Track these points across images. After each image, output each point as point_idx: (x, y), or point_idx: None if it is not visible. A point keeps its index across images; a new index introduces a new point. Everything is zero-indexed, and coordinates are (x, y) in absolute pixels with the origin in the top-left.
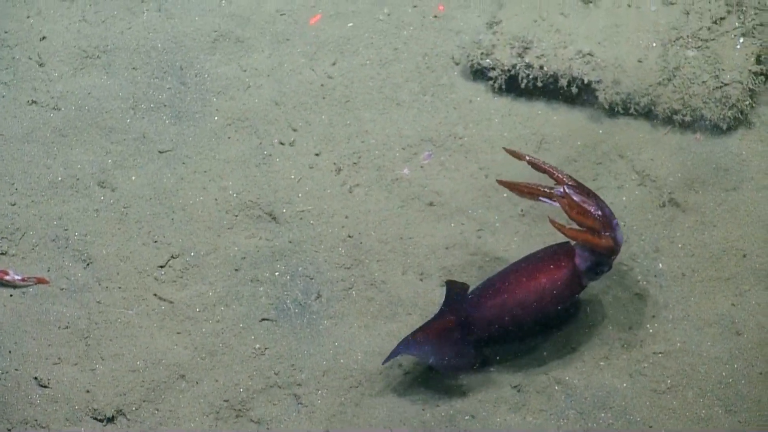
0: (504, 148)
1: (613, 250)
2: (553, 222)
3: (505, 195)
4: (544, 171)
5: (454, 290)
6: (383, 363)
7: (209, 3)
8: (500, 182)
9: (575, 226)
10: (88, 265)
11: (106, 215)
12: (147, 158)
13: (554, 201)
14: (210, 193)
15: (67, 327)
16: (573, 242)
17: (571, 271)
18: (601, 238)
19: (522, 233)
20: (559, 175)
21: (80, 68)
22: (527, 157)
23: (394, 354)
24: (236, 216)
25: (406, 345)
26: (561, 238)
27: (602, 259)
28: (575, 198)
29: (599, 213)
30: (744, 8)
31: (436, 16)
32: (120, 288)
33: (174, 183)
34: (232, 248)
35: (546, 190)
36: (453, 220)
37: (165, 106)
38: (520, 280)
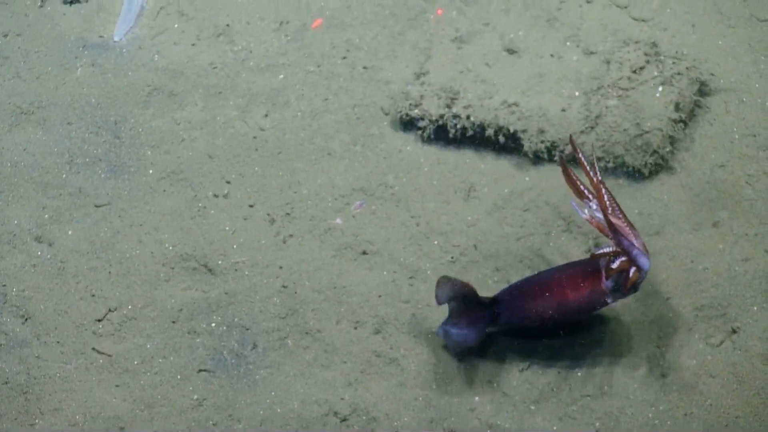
0: (571, 136)
1: (639, 280)
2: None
3: (435, 242)
4: (586, 172)
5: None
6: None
7: (142, 58)
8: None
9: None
10: (26, 320)
11: (44, 270)
12: (83, 212)
13: (584, 211)
14: (146, 246)
15: (6, 383)
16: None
17: (595, 288)
18: (629, 277)
19: None
20: (598, 183)
21: (15, 124)
22: (579, 153)
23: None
24: (172, 268)
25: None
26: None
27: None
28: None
29: (621, 252)
30: (662, 58)
31: (365, 67)
32: (58, 342)
33: (110, 236)
34: (168, 300)
35: (585, 194)
36: (385, 269)
37: (100, 160)
38: (548, 290)
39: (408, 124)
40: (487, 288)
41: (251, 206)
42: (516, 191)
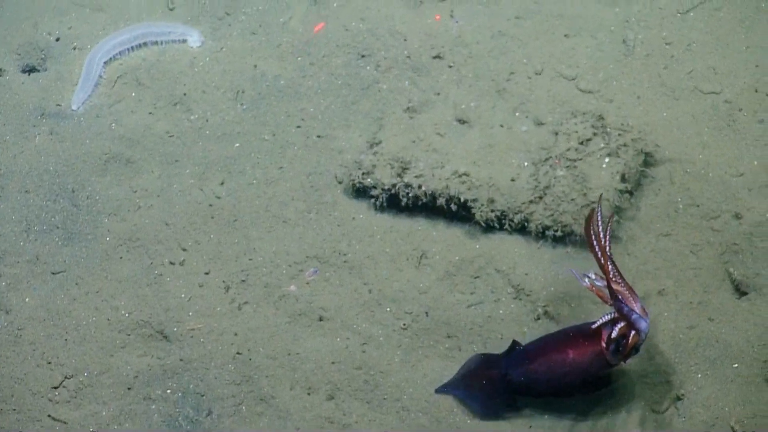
0: (600, 196)
1: (639, 342)
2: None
3: (388, 309)
4: (597, 236)
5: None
6: (435, 391)
7: (100, 126)
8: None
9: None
10: None
11: (1, 338)
12: (40, 280)
13: (584, 280)
14: (102, 313)
15: None
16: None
17: (597, 350)
18: (629, 342)
19: (405, 346)
20: (605, 251)
21: None
22: (599, 213)
23: (443, 389)
24: (128, 335)
25: (455, 386)
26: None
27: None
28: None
29: (620, 318)
30: (608, 130)
31: (319, 136)
32: (15, 410)
33: (67, 304)
34: (124, 367)
35: (597, 252)
36: (338, 335)
37: (58, 228)
38: (552, 350)
39: (361, 192)
40: (439, 355)
41: (207, 273)
42: (467, 259)
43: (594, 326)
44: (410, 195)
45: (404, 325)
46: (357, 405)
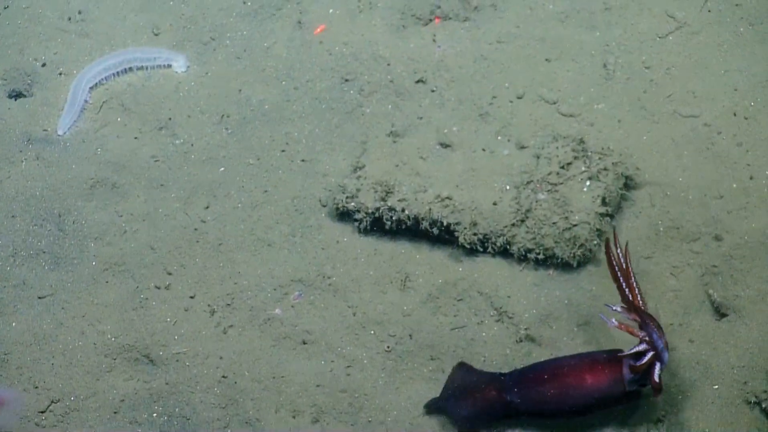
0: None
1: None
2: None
3: (372, 332)
4: (626, 274)
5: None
6: (425, 407)
7: (85, 151)
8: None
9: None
10: None
11: None
12: (27, 304)
13: (612, 321)
14: (89, 337)
15: None
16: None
17: (615, 377)
18: (655, 371)
19: (389, 369)
20: (632, 288)
21: None
22: (617, 245)
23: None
24: (114, 359)
25: (445, 402)
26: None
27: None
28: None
29: (649, 349)
30: (589, 154)
31: (303, 160)
32: None
33: (53, 328)
34: (111, 391)
35: (624, 292)
36: (323, 358)
37: (44, 252)
38: (567, 373)
39: (345, 215)
40: (423, 377)
41: (192, 297)
42: (450, 281)
43: (621, 354)
44: (394, 218)
45: (388, 347)
46: (342, 428)
